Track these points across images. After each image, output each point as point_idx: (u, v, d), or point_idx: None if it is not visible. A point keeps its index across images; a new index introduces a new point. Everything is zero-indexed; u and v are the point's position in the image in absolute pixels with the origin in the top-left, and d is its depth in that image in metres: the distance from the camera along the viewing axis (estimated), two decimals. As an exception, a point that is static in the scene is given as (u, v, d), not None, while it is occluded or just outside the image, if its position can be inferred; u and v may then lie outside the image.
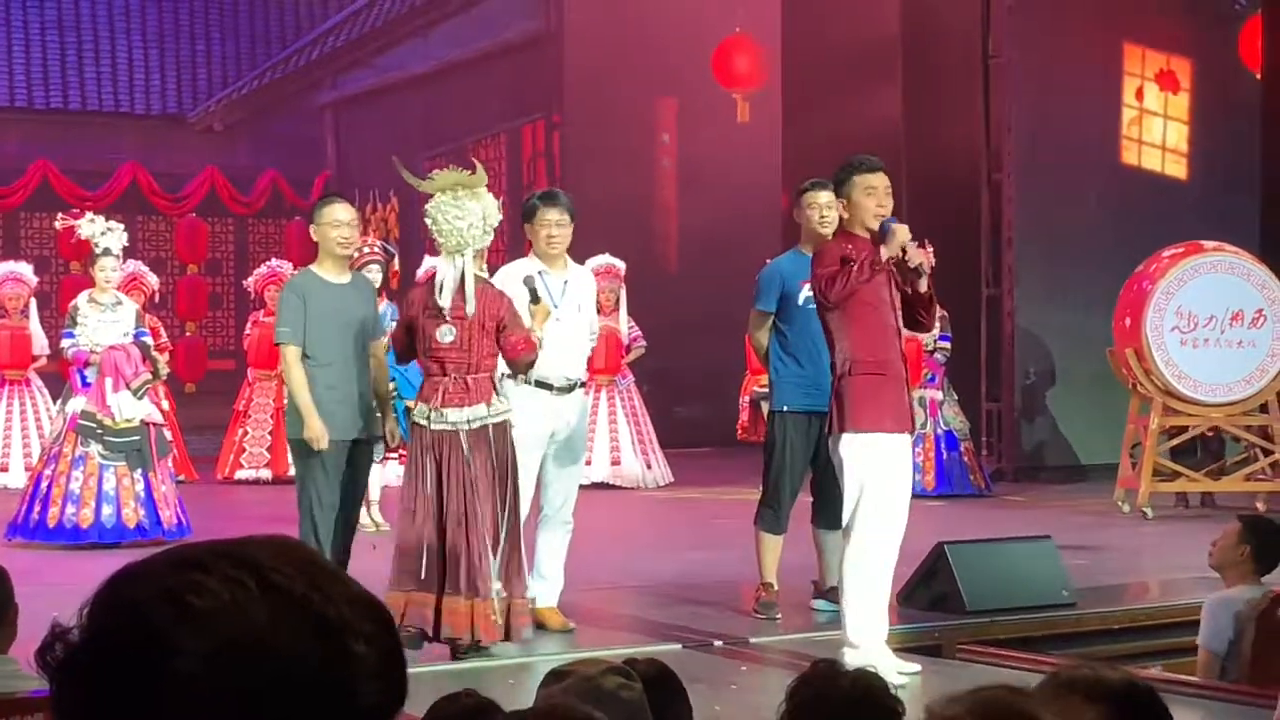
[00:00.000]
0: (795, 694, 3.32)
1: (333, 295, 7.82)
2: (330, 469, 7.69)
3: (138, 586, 1.28)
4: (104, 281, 11.36)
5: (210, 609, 1.25)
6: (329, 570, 1.31)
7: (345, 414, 7.73)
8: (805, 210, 8.40)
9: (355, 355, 7.84)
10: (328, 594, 1.28)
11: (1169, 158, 16.60)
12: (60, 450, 11.23)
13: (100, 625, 1.28)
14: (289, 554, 1.30)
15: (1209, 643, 6.74)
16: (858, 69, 17.64)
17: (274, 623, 1.25)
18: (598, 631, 8.01)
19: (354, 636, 1.27)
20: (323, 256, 7.92)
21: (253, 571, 1.27)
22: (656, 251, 20.67)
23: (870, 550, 6.88)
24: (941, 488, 13.87)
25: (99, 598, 1.30)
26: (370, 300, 8.15)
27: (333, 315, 7.78)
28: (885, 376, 6.92)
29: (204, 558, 1.29)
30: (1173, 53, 16.55)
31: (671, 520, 13.44)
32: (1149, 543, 11.32)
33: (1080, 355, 15.02)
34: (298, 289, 7.87)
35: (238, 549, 1.30)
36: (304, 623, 1.26)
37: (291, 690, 1.25)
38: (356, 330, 7.86)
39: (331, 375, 7.74)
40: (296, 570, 1.28)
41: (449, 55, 22.82)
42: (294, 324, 7.74)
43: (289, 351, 7.76)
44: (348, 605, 1.28)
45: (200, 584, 1.26)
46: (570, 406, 8.06)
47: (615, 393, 15.34)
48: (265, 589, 1.26)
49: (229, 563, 1.28)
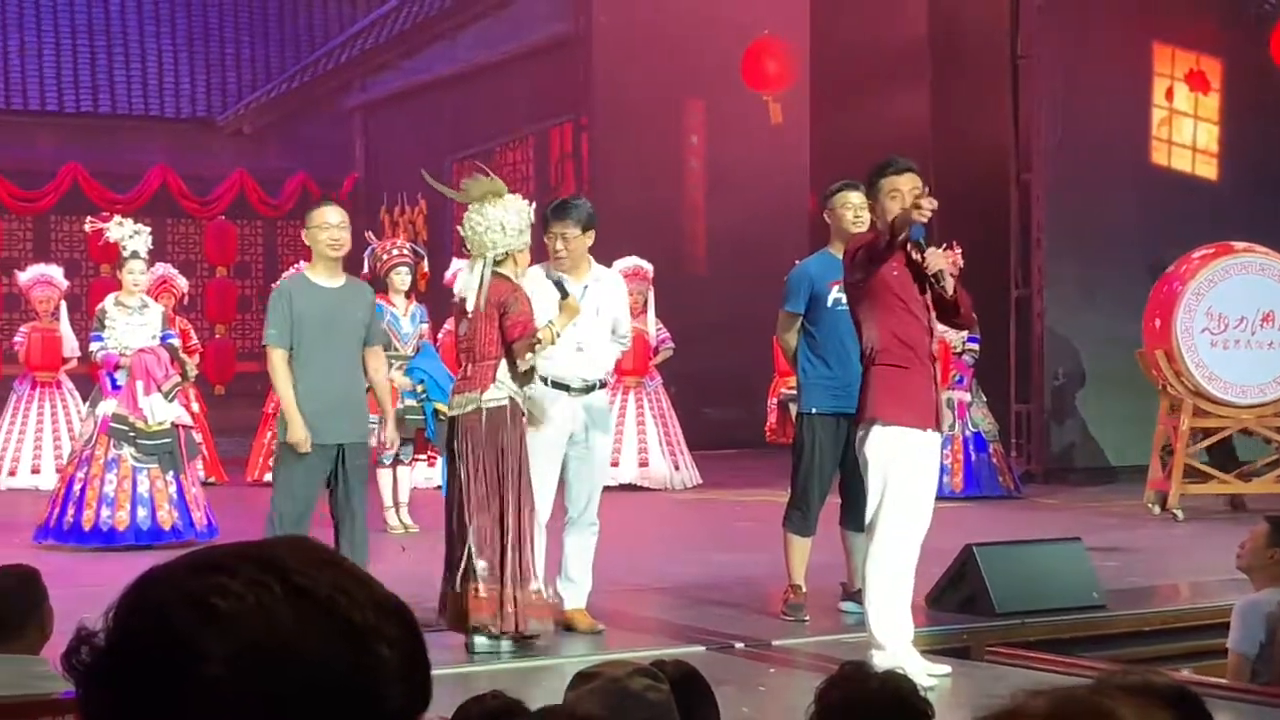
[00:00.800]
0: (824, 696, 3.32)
1: (322, 298, 7.80)
2: (308, 472, 7.69)
3: (161, 590, 1.28)
4: (132, 284, 11.40)
5: (235, 612, 1.24)
6: (354, 572, 1.30)
7: (327, 418, 7.69)
8: (838, 211, 8.37)
9: (342, 359, 7.82)
10: (353, 597, 1.27)
11: (1199, 158, 16.54)
12: (92, 453, 11.27)
13: (125, 629, 1.27)
14: (313, 556, 1.30)
15: (1239, 646, 6.70)
16: (886, 70, 17.60)
17: (300, 626, 1.24)
18: (625, 633, 8.01)
19: (379, 640, 1.27)
20: (315, 260, 7.95)
21: (277, 574, 1.26)
22: (685, 253, 20.66)
23: (893, 547, 6.86)
24: (970, 489, 13.84)
25: (123, 602, 1.30)
26: (365, 305, 8.04)
27: (320, 318, 7.76)
28: (909, 370, 6.89)
29: (227, 560, 1.28)
30: (1203, 53, 16.48)
31: (699, 522, 13.43)
32: (1179, 544, 11.27)
33: (1110, 356, 14.97)
34: (285, 292, 7.90)
35: (261, 551, 1.29)
36: (329, 626, 1.25)
37: (317, 695, 1.24)
38: (345, 334, 7.83)
39: (314, 379, 7.71)
40: (321, 572, 1.28)
41: (477, 58, 22.83)
42: (280, 326, 7.75)
43: (274, 354, 7.79)
44: (373, 608, 1.28)
45: (224, 587, 1.25)
46: (589, 408, 8.04)
47: (643, 394, 15.34)
48: (290, 592, 1.26)
49: (253, 565, 1.27)
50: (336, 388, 7.76)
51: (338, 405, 7.74)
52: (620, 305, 8.36)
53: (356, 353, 7.90)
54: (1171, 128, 16.43)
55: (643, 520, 12.95)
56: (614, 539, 8.74)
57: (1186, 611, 8.56)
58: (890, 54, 17.57)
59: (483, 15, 23.05)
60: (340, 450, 7.75)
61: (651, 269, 14.93)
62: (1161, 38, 16.41)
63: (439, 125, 23.79)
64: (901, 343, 6.90)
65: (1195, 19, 16.36)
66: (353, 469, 7.81)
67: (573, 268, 8.01)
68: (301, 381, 7.71)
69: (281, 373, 7.74)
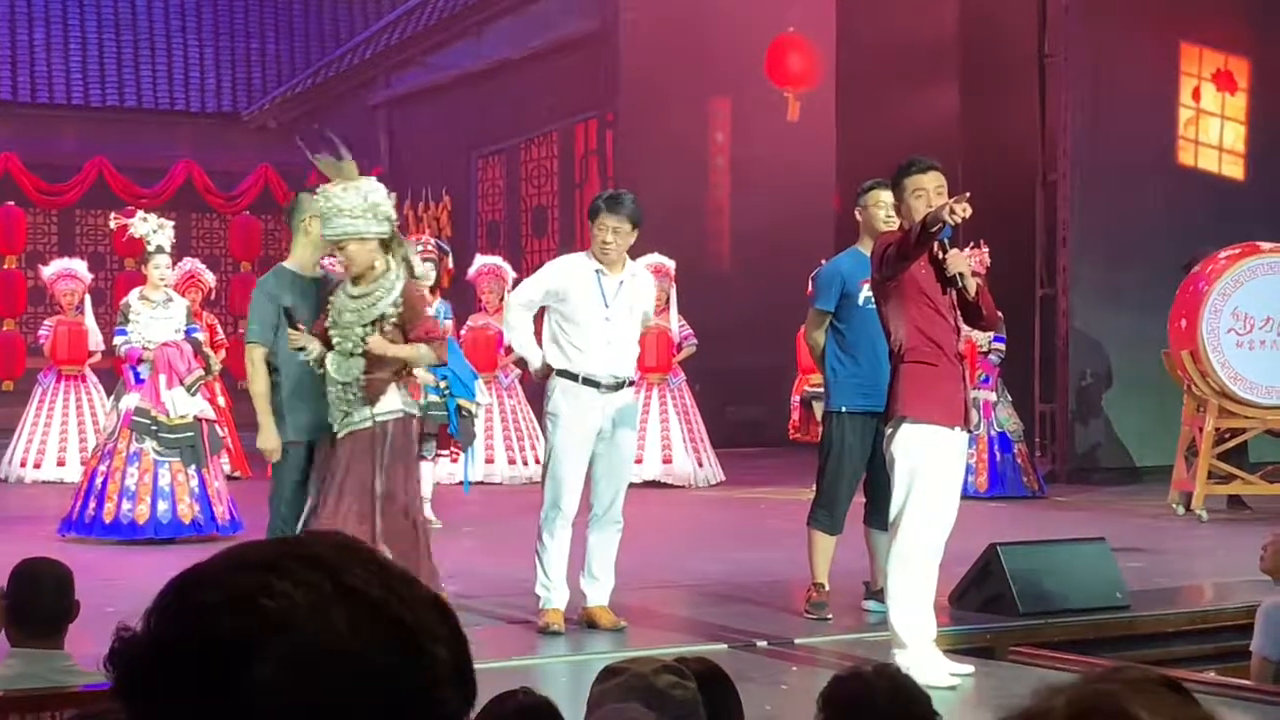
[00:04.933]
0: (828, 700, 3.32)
1: (306, 290, 7.71)
2: (297, 468, 7.63)
3: (207, 590, 1.23)
4: (157, 279, 11.43)
5: (286, 612, 1.20)
6: (397, 570, 1.26)
7: (311, 413, 7.58)
8: (870, 209, 8.32)
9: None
10: (401, 596, 1.24)
11: (1226, 158, 16.48)
12: (115, 446, 11.30)
13: (172, 632, 1.22)
14: (356, 554, 1.25)
15: (1264, 649, 6.67)
16: (911, 68, 17.56)
17: (353, 628, 1.20)
18: (648, 630, 8.00)
19: (433, 640, 1.23)
20: (305, 251, 7.82)
21: (326, 573, 1.22)
22: (709, 250, 20.65)
23: (917, 545, 6.84)
24: (995, 489, 13.81)
25: (166, 603, 1.24)
26: None
27: (305, 311, 7.63)
28: (938, 368, 6.87)
29: (273, 559, 1.23)
30: (1230, 53, 16.42)
31: (722, 519, 13.42)
32: (1204, 545, 11.23)
33: (1135, 356, 14.92)
34: (269, 289, 7.73)
35: (304, 549, 1.25)
36: (383, 628, 1.21)
37: (373, 699, 1.20)
38: None
39: (299, 372, 7.59)
40: (368, 571, 1.24)
41: (502, 54, 22.84)
42: (261, 324, 7.65)
43: (255, 353, 7.66)
44: (422, 607, 1.24)
45: (273, 587, 1.21)
46: (618, 405, 8.03)
47: (667, 391, 15.34)
48: (341, 592, 1.21)
49: (300, 564, 1.23)
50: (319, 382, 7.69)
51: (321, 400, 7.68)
52: (649, 303, 8.36)
53: None
54: (1198, 128, 16.38)
55: (666, 517, 12.95)
56: (637, 536, 8.73)
57: (1210, 613, 8.52)
58: (917, 52, 17.53)
59: (508, 11, 23.06)
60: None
61: (674, 266, 14.92)
62: (1189, 38, 16.35)
63: (463, 121, 23.81)
64: (930, 340, 6.88)
65: (1223, 19, 16.30)
66: None
67: (613, 263, 7.99)
68: (285, 376, 7.61)
69: (260, 372, 7.64)
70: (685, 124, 20.30)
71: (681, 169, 20.08)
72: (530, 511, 8.27)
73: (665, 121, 19.95)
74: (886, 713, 3.30)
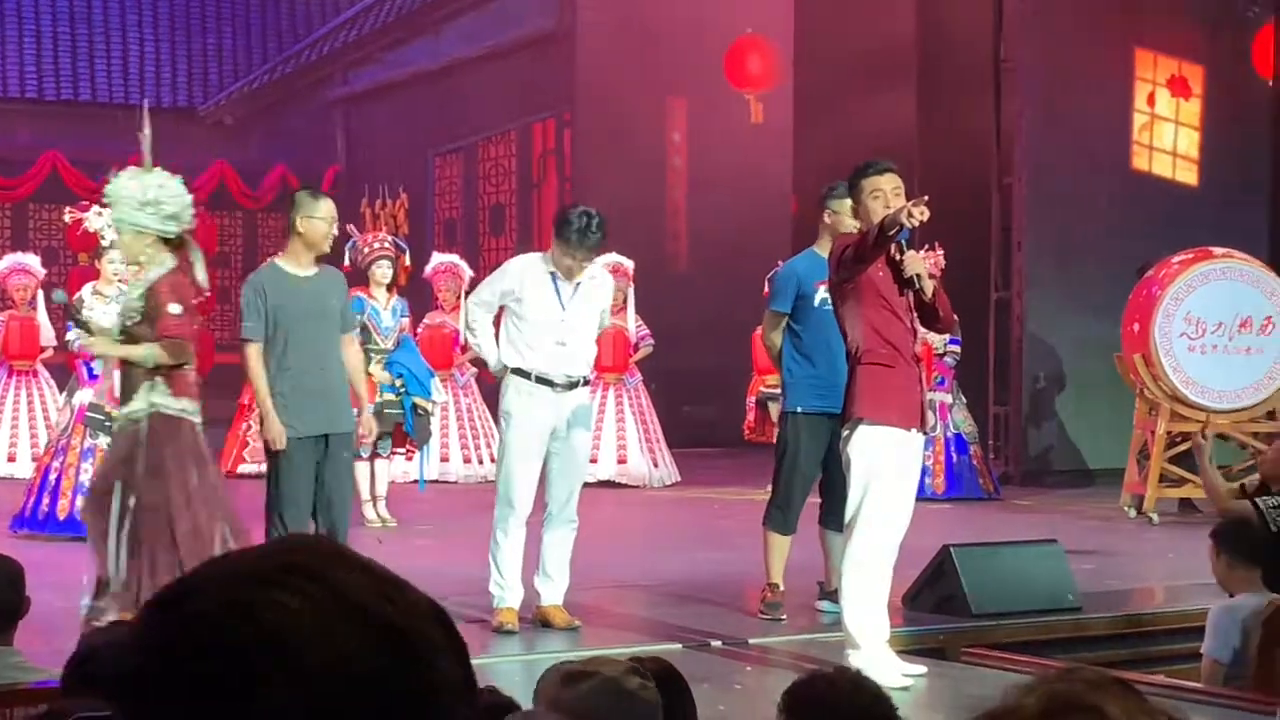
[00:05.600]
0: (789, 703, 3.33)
1: (298, 288, 7.71)
2: (296, 466, 7.63)
3: (206, 604, 1.17)
4: (111, 274, 11.38)
5: (293, 629, 1.15)
6: (389, 576, 1.22)
7: (313, 410, 7.63)
8: (839, 215, 8.33)
9: (323, 349, 7.74)
10: (399, 605, 1.20)
11: (1180, 164, 16.58)
12: (68, 442, 11.24)
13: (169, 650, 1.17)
14: (345, 561, 1.21)
15: (1214, 651, 6.71)
16: (870, 71, 17.61)
17: (360, 643, 1.16)
18: (602, 630, 8.00)
19: (434, 649, 1.20)
20: (300, 249, 7.78)
21: (324, 585, 1.18)
22: (666, 251, 20.66)
23: (872, 546, 6.86)
24: (951, 491, 13.87)
25: (156, 618, 1.19)
26: (340, 292, 7.97)
27: (297, 308, 7.67)
28: (894, 369, 6.90)
29: (266, 570, 1.19)
30: (1185, 59, 16.53)
31: (677, 520, 13.43)
32: (1155, 548, 11.30)
33: (1088, 360, 15.00)
34: (259, 285, 7.74)
35: (294, 558, 1.20)
36: (388, 641, 1.17)
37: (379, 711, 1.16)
38: (326, 323, 7.76)
39: (299, 370, 7.64)
40: (365, 580, 1.20)
41: (460, 52, 22.80)
42: (256, 320, 7.66)
43: (250, 349, 7.69)
44: (420, 616, 1.21)
45: (275, 601, 1.16)
46: (572, 404, 8.03)
47: (623, 391, 15.34)
48: (343, 605, 1.17)
49: (297, 576, 1.18)
50: (319, 378, 7.70)
51: (321, 396, 7.69)
52: (606, 303, 8.36)
53: (336, 341, 7.84)
54: (1153, 133, 16.48)
55: (620, 517, 12.95)
56: (592, 536, 8.73)
57: (1161, 615, 8.58)
58: (875, 55, 17.58)
59: (467, 10, 23.03)
60: (324, 440, 7.71)
61: (632, 265, 14.92)
62: (1144, 43, 16.44)
63: (421, 119, 23.76)
64: (886, 342, 6.91)
65: (1177, 25, 16.41)
66: (338, 459, 7.76)
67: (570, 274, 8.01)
68: (284, 374, 7.65)
69: (258, 368, 7.67)
70: (643, 124, 20.30)
71: (639, 169, 20.07)
72: (485, 510, 8.27)
73: (623, 121, 19.94)
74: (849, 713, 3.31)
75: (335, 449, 7.74)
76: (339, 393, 7.83)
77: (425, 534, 11.82)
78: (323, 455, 7.68)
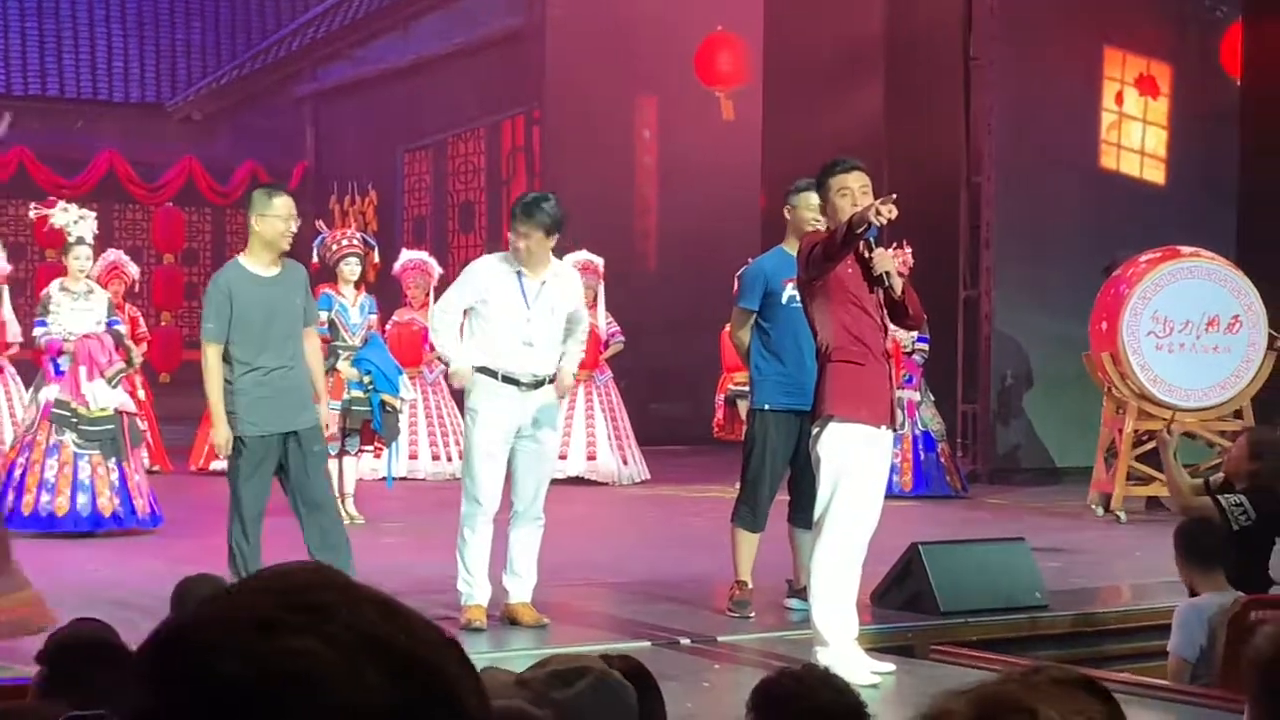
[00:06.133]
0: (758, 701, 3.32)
1: (263, 288, 7.70)
2: (257, 464, 7.63)
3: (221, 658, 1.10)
4: (77, 270, 11.34)
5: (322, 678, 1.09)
6: (398, 606, 1.16)
7: (275, 409, 7.62)
8: (799, 210, 8.32)
9: (287, 348, 7.73)
10: (415, 635, 1.15)
11: (1147, 162, 16.64)
12: (34, 438, 11.20)
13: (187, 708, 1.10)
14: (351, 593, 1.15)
15: (1180, 649, 6.73)
16: (840, 68, 17.64)
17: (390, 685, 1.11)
18: (570, 628, 8.00)
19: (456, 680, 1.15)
20: (258, 248, 7.76)
21: (341, 624, 1.12)
22: (635, 248, 20.66)
23: (841, 544, 6.86)
24: (919, 489, 13.89)
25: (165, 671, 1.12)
26: (301, 288, 7.92)
27: (263, 309, 7.65)
28: (864, 367, 6.89)
29: (274, 613, 1.12)
30: (1153, 58, 16.59)
31: (646, 517, 13.43)
32: (1122, 546, 11.34)
33: (1056, 358, 15.05)
34: (223, 286, 7.71)
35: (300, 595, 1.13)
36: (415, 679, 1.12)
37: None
38: (289, 323, 7.75)
39: (265, 368, 7.64)
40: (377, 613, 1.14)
41: (429, 49, 22.77)
42: (217, 321, 7.64)
43: (209, 350, 7.68)
44: (435, 646, 1.15)
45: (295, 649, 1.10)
46: (539, 403, 8.01)
47: (593, 388, 15.33)
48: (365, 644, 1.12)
49: (307, 615, 1.12)
50: (284, 376, 7.70)
51: (286, 393, 7.68)
52: (576, 300, 8.30)
53: (299, 338, 7.83)
54: (1121, 132, 16.53)
55: (590, 515, 12.94)
56: (561, 533, 8.72)
57: (1128, 613, 8.61)
58: (845, 53, 17.60)
59: (436, 6, 22.99)
60: (292, 437, 7.70)
61: (602, 263, 14.92)
62: (1112, 42, 16.49)
63: (390, 116, 23.71)
64: (856, 339, 6.91)
65: (1146, 24, 16.46)
66: (310, 454, 7.74)
67: (532, 266, 7.98)
68: (250, 372, 7.64)
69: (215, 369, 7.66)
70: (612, 121, 20.30)
71: (609, 166, 20.07)
72: (453, 507, 8.25)
73: (592, 119, 19.94)
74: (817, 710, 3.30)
75: (307, 443, 7.73)
76: (304, 389, 7.82)
77: (393, 531, 11.80)
78: (290, 452, 7.67)
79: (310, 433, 7.76)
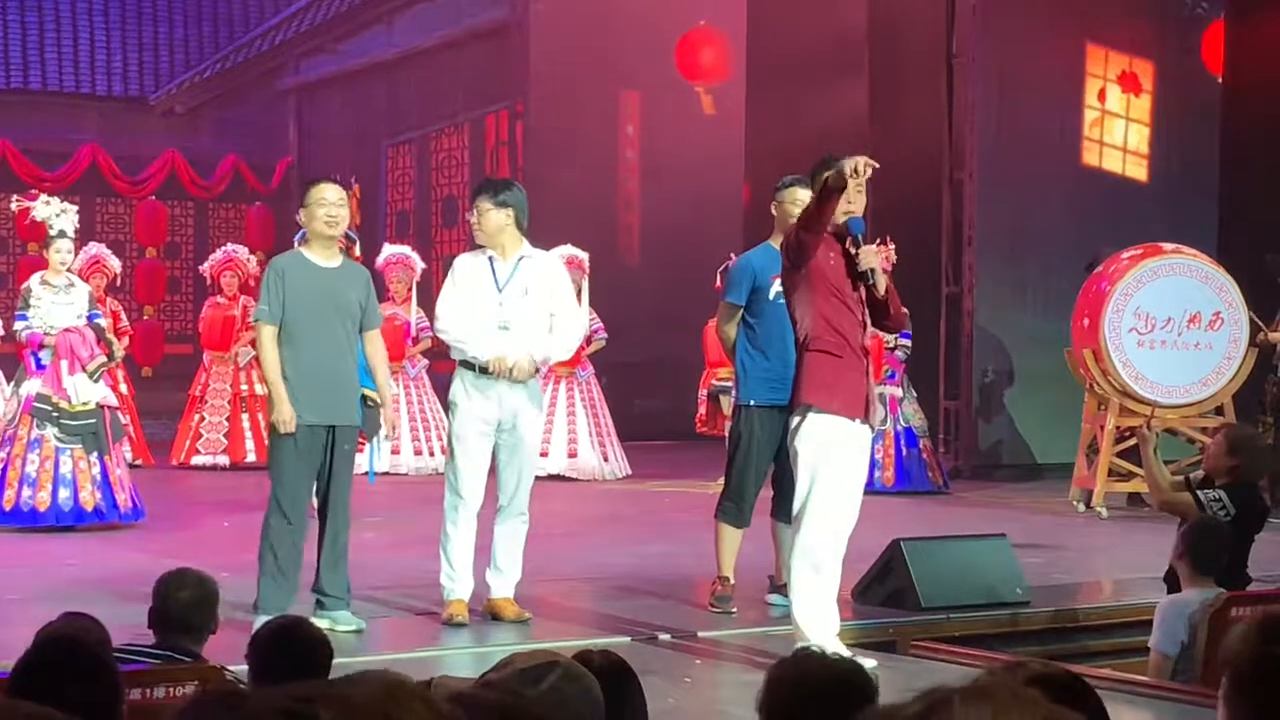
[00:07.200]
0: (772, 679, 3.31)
1: (317, 277, 7.74)
2: (301, 453, 7.63)
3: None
4: (59, 264, 11.31)
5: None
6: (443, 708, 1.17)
7: (321, 398, 7.64)
8: (785, 205, 8.31)
9: (337, 340, 7.74)
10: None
11: (1130, 159, 16.67)
12: (15, 433, 11.17)
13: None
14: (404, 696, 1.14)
15: (1161, 645, 6.75)
16: (822, 64, 17.64)
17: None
18: (552, 623, 8.00)
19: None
20: (312, 238, 7.87)
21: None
22: (618, 244, 20.65)
23: (820, 539, 6.85)
24: (901, 484, 13.91)
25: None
26: (362, 287, 7.95)
27: (315, 297, 7.69)
28: (841, 359, 6.88)
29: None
30: (1135, 55, 16.61)
31: (628, 513, 13.43)
32: (1103, 542, 11.37)
33: (1038, 355, 15.07)
34: (279, 269, 7.78)
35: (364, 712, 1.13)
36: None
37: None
38: (341, 315, 7.76)
39: (309, 358, 7.64)
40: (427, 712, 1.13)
41: (413, 43, 22.73)
42: (271, 303, 7.68)
43: (264, 331, 7.73)
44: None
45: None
46: (519, 396, 8.00)
47: (575, 384, 15.32)
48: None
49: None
50: (328, 369, 7.69)
51: (329, 387, 7.68)
52: (555, 286, 8.17)
53: (351, 335, 7.83)
54: (1103, 129, 16.55)
55: (572, 511, 12.94)
56: (543, 529, 8.72)
57: (1109, 609, 8.62)
58: (827, 49, 17.61)
59: (419, 0, 22.94)
60: (331, 432, 7.70)
61: (586, 258, 14.90)
62: (1095, 39, 16.52)
63: (374, 110, 23.68)
64: (835, 331, 6.90)
65: (1128, 21, 16.49)
66: (340, 453, 7.76)
67: (495, 244, 8.00)
68: (293, 361, 7.64)
69: (270, 350, 7.68)
70: (595, 116, 20.29)
71: (592, 161, 20.07)
72: (435, 502, 8.25)
73: (575, 114, 19.93)
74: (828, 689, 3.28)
75: (340, 441, 7.75)
76: (349, 386, 7.85)
77: (376, 526, 11.77)
78: (327, 446, 7.67)
79: (346, 430, 7.79)
